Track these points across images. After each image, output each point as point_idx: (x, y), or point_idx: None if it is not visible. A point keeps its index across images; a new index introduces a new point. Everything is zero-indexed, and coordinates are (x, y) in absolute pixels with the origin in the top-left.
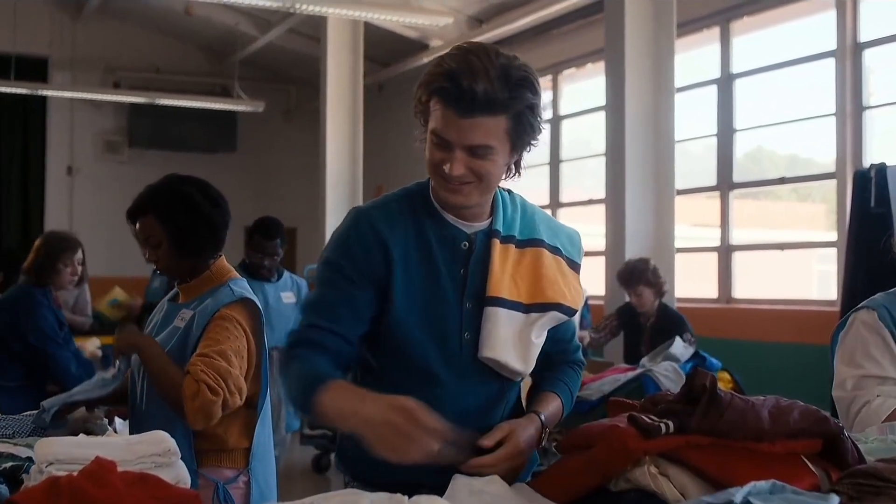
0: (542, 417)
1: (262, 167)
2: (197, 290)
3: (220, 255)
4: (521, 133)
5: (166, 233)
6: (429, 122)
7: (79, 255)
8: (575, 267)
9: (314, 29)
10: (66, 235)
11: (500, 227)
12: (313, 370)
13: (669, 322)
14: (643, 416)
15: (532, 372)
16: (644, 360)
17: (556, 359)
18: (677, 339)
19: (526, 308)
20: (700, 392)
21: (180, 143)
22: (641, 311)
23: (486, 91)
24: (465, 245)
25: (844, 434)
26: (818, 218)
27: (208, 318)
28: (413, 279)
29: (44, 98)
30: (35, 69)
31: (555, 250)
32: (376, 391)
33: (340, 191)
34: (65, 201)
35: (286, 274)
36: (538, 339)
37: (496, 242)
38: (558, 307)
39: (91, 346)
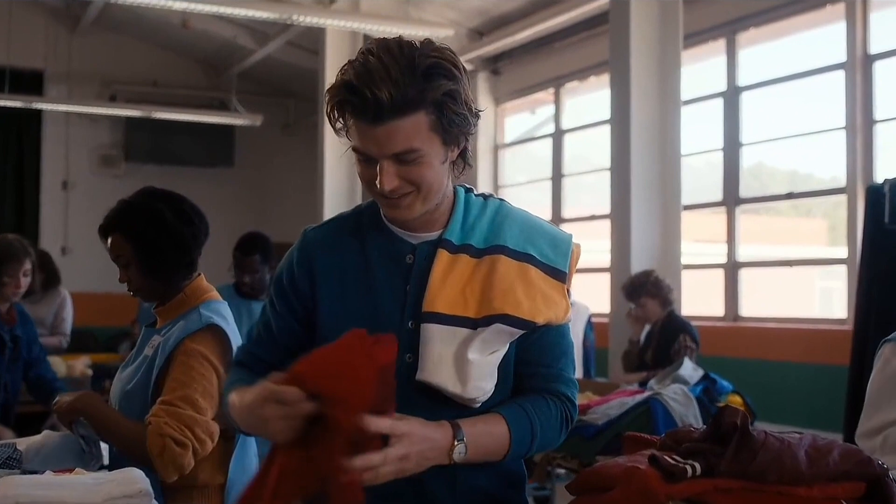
0: (460, 432)
1: (260, 182)
2: (170, 314)
3: (198, 276)
4: (448, 125)
5: (134, 252)
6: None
7: (26, 266)
8: (555, 274)
9: (313, 42)
10: (13, 243)
11: (452, 235)
12: (230, 383)
13: (673, 326)
14: (666, 457)
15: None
16: (651, 383)
17: (527, 385)
18: (686, 360)
19: (474, 323)
20: (730, 430)
21: (177, 158)
22: (650, 322)
23: (391, 93)
24: (409, 258)
25: (889, 477)
26: (820, 234)
27: (171, 350)
28: (348, 300)
29: (39, 111)
30: (30, 82)
31: (522, 256)
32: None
33: (339, 206)
34: (60, 216)
35: None
36: (479, 357)
37: (441, 253)
38: (503, 318)
39: (81, 364)
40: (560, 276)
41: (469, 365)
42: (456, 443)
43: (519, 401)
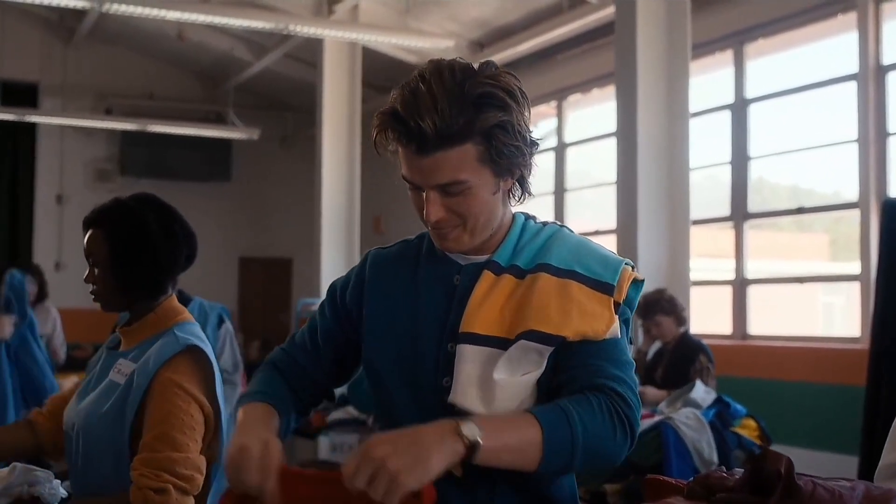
0: (468, 426)
1: (258, 196)
2: (139, 336)
3: (171, 295)
4: (499, 156)
5: (108, 254)
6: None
7: None
8: (601, 287)
9: (311, 54)
10: None
11: (500, 258)
12: (253, 385)
13: (688, 346)
14: None
15: None
16: (662, 406)
17: (566, 391)
18: (698, 382)
19: (507, 343)
20: (772, 479)
21: (173, 172)
22: (664, 341)
23: (436, 124)
24: (456, 280)
25: None
26: (822, 248)
27: (149, 379)
28: (393, 321)
29: (33, 125)
30: (24, 95)
31: (565, 273)
32: None
33: (337, 221)
34: (54, 231)
35: (194, 303)
36: (507, 377)
37: (486, 274)
38: (528, 334)
39: (69, 383)
40: (606, 288)
41: (494, 385)
42: (461, 422)
43: (559, 401)
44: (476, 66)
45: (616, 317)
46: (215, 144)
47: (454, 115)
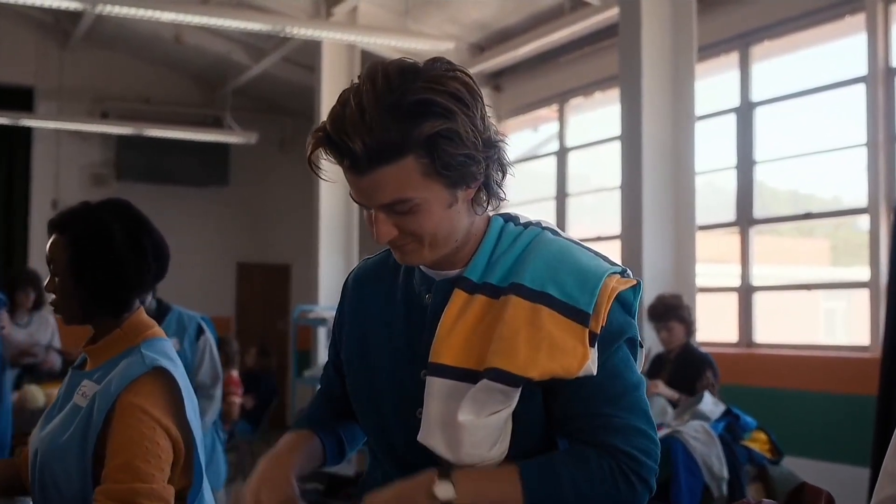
0: (448, 473)
1: (256, 201)
2: (105, 355)
3: (138, 308)
4: (446, 168)
5: (67, 262)
6: None
7: None
8: (575, 315)
9: (309, 58)
10: None
11: (473, 273)
12: (301, 416)
13: (693, 358)
14: None
15: None
16: (669, 419)
17: (574, 443)
18: (706, 394)
19: (475, 376)
20: None
21: (170, 176)
22: (669, 348)
23: (365, 141)
24: (427, 298)
25: None
26: (823, 254)
27: (111, 403)
28: (368, 343)
29: (28, 129)
30: (19, 99)
31: (538, 297)
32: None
33: (336, 226)
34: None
35: (173, 313)
36: (473, 418)
37: (457, 293)
38: (492, 373)
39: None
40: (581, 317)
41: (459, 428)
42: (439, 479)
43: (552, 455)
44: (422, 64)
45: (591, 350)
46: (213, 149)
47: (385, 129)
